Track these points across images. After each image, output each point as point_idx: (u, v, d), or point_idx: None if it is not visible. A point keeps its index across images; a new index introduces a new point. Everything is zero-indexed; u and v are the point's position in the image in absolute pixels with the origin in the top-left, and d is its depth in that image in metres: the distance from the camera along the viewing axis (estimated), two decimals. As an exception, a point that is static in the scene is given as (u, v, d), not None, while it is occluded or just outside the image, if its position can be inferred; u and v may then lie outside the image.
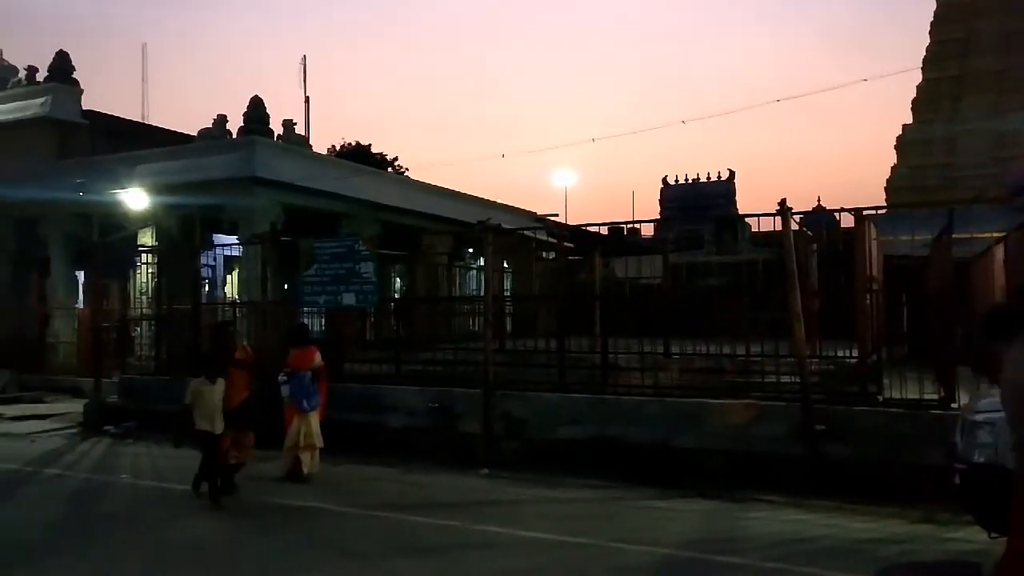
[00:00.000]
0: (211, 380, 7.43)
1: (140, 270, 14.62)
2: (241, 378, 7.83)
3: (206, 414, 7.36)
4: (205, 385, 7.41)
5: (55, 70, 18.44)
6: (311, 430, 8.27)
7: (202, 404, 7.39)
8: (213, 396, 7.40)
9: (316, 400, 8.36)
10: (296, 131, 18.33)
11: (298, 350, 8.50)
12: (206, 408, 7.38)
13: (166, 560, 5.83)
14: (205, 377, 7.44)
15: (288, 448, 8.26)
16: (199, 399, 7.39)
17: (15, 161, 17.98)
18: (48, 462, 9.68)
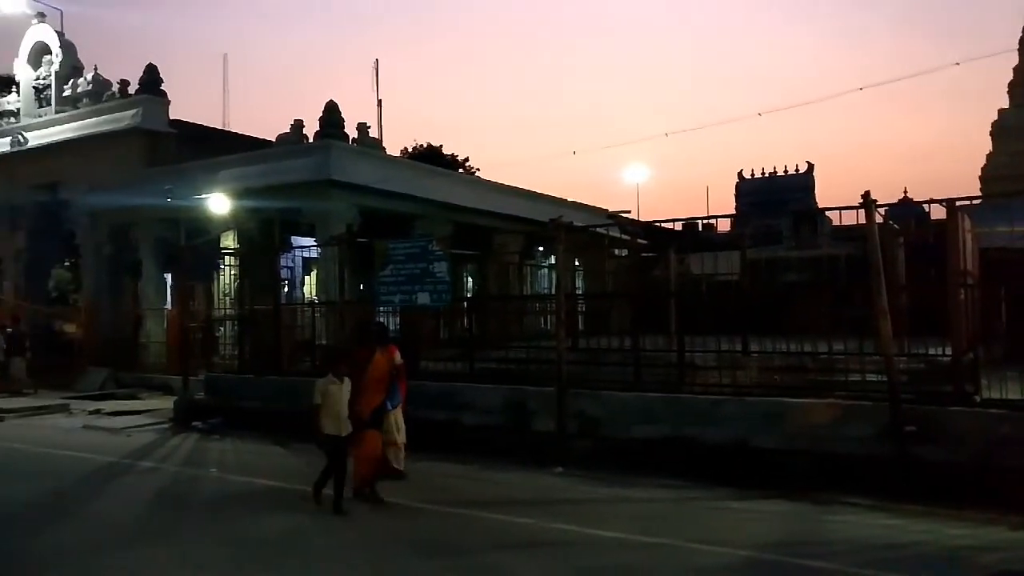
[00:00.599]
0: (339, 379, 7.02)
1: (223, 272, 15.17)
2: (380, 381, 7.50)
3: (334, 416, 6.96)
4: (333, 384, 7.01)
5: (145, 83, 19.28)
6: (396, 426, 8.27)
7: (330, 405, 6.97)
8: (341, 397, 7.00)
9: (398, 398, 8.33)
10: (370, 134, 18.68)
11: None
12: (334, 409, 6.97)
13: (250, 551, 6.03)
14: (332, 375, 7.04)
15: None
16: (327, 400, 6.97)
17: (109, 170, 18.91)
18: (143, 455, 10.15)
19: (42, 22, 21.60)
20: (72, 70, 20.94)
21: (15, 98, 22.59)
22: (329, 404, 6.95)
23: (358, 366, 7.26)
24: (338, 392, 6.98)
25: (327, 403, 6.95)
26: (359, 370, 7.23)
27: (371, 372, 7.43)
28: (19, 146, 21.13)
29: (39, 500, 7.82)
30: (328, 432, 6.96)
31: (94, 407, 14.43)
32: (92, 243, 19.70)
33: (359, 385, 7.18)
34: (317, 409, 6.97)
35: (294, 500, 7.63)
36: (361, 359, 7.40)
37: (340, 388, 6.99)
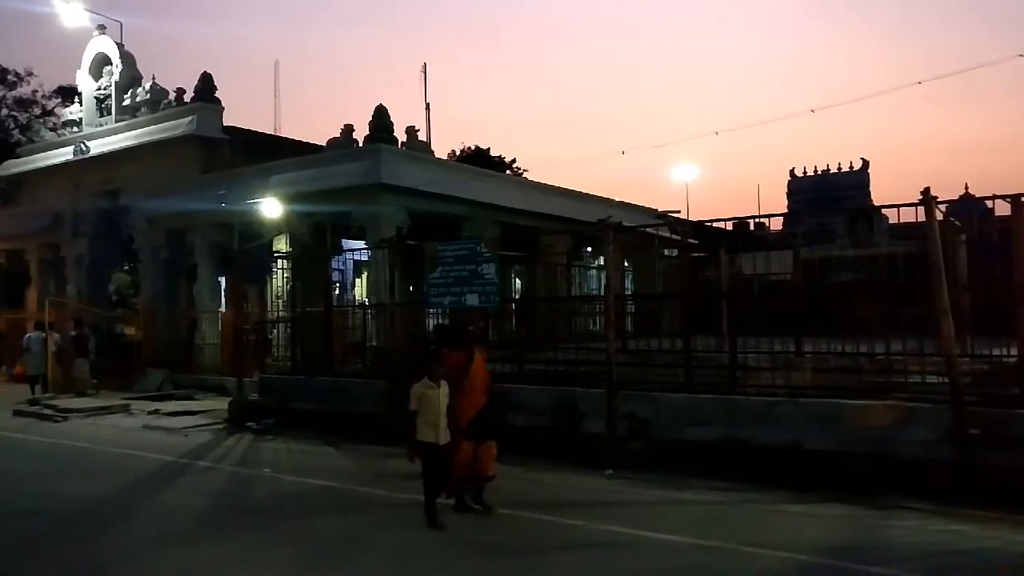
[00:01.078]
0: (436, 383, 6.61)
1: (276, 275, 15.45)
2: (479, 384, 7.07)
3: (431, 422, 6.54)
4: (430, 389, 6.59)
5: (200, 91, 19.76)
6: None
7: (427, 411, 6.55)
8: (439, 402, 6.59)
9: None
10: (419, 137, 18.84)
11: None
12: (431, 415, 6.55)
13: (307, 549, 6.13)
14: (428, 379, 6.63)
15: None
16: (424, 405, 6.56)
17: (166, 176, 19.45)
18: (199, 455, 10.39)
19: (103, 34, 22.30)
20: (131, 80, 21.57)
21: (78, 108, 23.41)
22: (426, 410, 6.54)
23: (454, 370, 6.84)
24: (436, 397, 6.56)
25: (424, 409, 6.54)
26: (457, 374, 6.81)
27: (471, 376, 6.97)
28: (82, 155, 21.85)
29: (105, 497, 8.07)
30: (425, 440, 6.54)
31: (153, 407, 14.83)
32: (150, 248, 20.23)
33: (456, 390, 6.75)
34: (414, 415, 6.55)
35: (346, 500, 7.77)
36: (457, 362, 6.93)
37: (438, 393, 6.58)
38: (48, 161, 23.29)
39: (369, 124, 17.03)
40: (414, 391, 6.61)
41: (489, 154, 39.59)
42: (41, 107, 39.71)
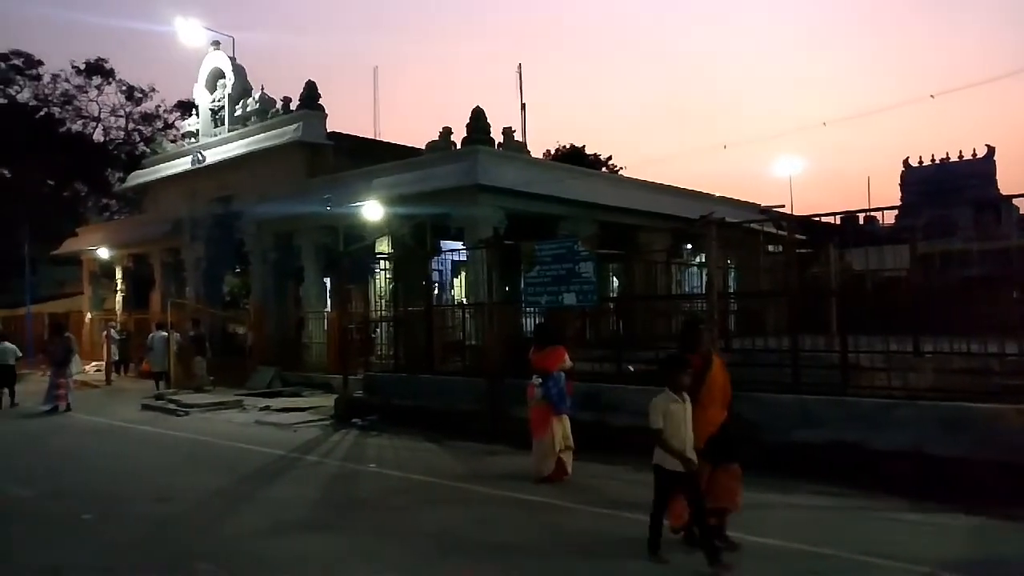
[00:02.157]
0: (680, 396, 5.55)
1: (378, 275, 15.88)
2: (719, 394, 5.91)
3: (678, 442, 5.47)
4: (675, 403, 5.53)
5: (305, 99, 20.54)
6: (568, 431, 8.19)
7: (674, 429, 5.46)
8: (685, 417, 5.54)
9: (568, 401, 8.30)
10: (515, 137, 18.94)
11: (545, 350, 8.33)
12: (679, 434, 5.47)
13: (413, 543, 6.26)
14: (671, 391, 5.55)
15: (548, 451, 8.09)
16: (670, 422, 5.47)
17: (274, 182, 20.31)
18: (308, 450, 10.79)
19: (217, 50, 23.52)
20: (242, 91, 22.65)
21: (195, 120, 24.78)
22: (673, 427, 5.46)
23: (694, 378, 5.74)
24: (681, 412, 5.52)
25: (670, 426, 5.46)
26: (692, 384, 5.71)
27: (709, 385, 5.83)
28: (199, 164, 23.12)
29: (224, 487, 8.51)
30: (670, 468, 5.49)
31: (264, 404, 15.49)
32: (259, 250, 21.16)
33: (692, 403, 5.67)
34: (659, 434, 5.47)
35: (449, 496, 7.88)
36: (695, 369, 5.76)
37: (683, 408, 5.53)
38: (169, 171, 24.78)
39: (466, 126, 17.25)
40: (656, 406, 5.52)
41: (584, 152, 39.41)
42: (163, 121, 42.42)
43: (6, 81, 39.92)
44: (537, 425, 8.17)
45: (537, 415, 8.21)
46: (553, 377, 8.15)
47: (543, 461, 8.12)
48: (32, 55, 40.19)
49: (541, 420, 8.14)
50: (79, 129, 41.84)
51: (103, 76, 41.36)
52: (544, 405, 8.15)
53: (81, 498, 8.00)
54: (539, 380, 8.16)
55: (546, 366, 8.20)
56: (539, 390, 8.14)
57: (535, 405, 8.23)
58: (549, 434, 8.06)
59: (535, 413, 8.24)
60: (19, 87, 40.35)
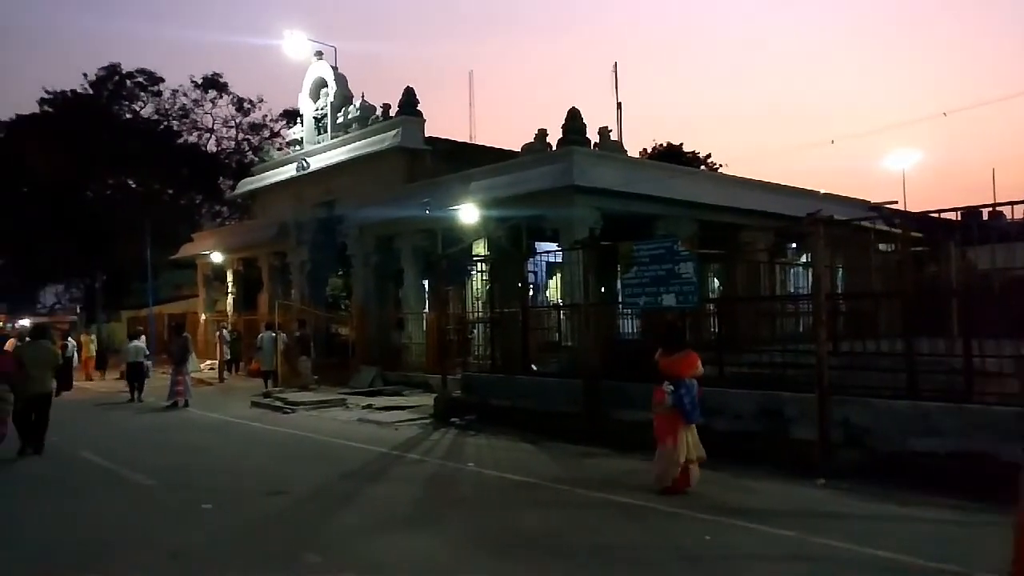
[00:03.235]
0: None
1: (475, 277, 16.08)
2: None
3: None
4: None
5: (403, 105, 21.06)
6: (697, 440, 7.82)
7: None
8: None
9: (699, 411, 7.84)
10: (611, 137, 18.81)
11: (675, 354, 7.86)
12: None
13: (511, 543, 6.28)
14: None
15: (674, 460, 7.64)
16: None
17: (375, 187, 20.89)
18: (409, 448, 11.01)
19: (320, 60, 24.41)
20: (344, 99, 23.43)
21: (300, 128, 25.81)
22: None
23: None
24: None
25: None
26: None
27: None
28: (303, 170, 24.06)
29: (330, 483, 8.79)
30: None
31: (366, 402, 15.91)
32: (361, 253, 21.78)
33: None
34: None
35: (547, 497, 7.87)
36: None
37: None
38: (276, 178, 25.90)
39: (562, 127, 17.24)
40: None
41: (682, 150, 38.77)
42: (269, 130, 44.37)
43: (131, 97, 42.69)
44: (664, 432, 7.73)
45: (664, 422, 7.76)
46: (686, 384, 7.69)
47: (668, 470, 7.71)
48: (154, 72, 42.85)
49: (668, 427, 7.70)
50: (194, 140, 44.29)
51: (217, 90, 43.63)
52: (672, 412, 7.70)
53: (199, 489, 8.44)
54: (671, 387, 7.67)
55: (678, 372, 7.74)
56: (670, 397, 7.65)
57: (661, 412, 7.79)
58: (677, 443, 7.62)
59: (661, 420, 7.80)
60: (143, 103, 43.08)
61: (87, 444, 11.69)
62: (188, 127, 44.28)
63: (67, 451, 11.22)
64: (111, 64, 42.19)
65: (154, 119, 43.21)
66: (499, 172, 17.51)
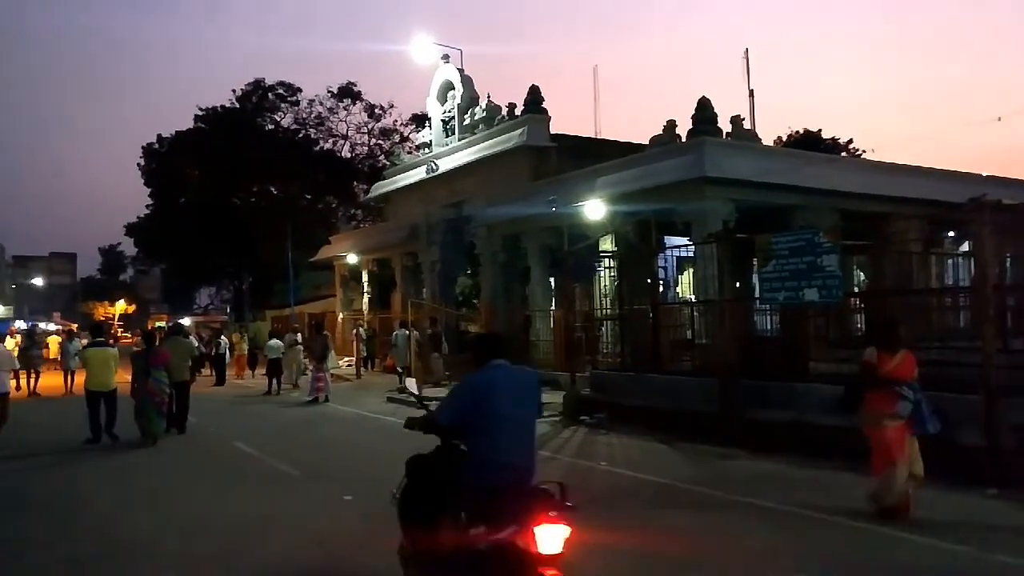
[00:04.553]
0: None
1: (602, 274, 15.86)
2: None
3: None
4: None
5: (529, 103, 21.10)
6: (918, 455, 6.74)
7: None
8: None
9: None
10: (743, 126, 18.07)
11: (898, 354, 6.78)
12: None
13: (647, 543, 6.10)
14: None
15: (901, 478, 6.55)
16: None
17: (502, 186, 21.05)
18: (540, 445, 10.95)
19: (447, 63, 24.89)
20: (470, 101, 23.76)
21: (428, 132, 26.43)
22: None
23: None
24: None
25: None
26: None
27: None
28: (432, 172, 24.62)
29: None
30: None
31: (496, 399, 16.03)
32: (489, 252, 22.02)
33: None
34: None
35: (682, 498, 7.63)
36: None
37: None
38: (406, 180, 26.65)
39: (692, 117, 16.70)
40: None
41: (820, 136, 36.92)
42: (400, 134, 45.85)
43: (273, 109, 45.35)
44: (897, 447, 6.57)
45: (895, 435, 6.59)
46: (917, 389, 6.69)
47: (893, 489, 6.57)
48: (293, 84, 45.34)
49: (899, 441, 6.59)
50: (330, 147, 46.43)
51: (351, 98, 45.56)
52: (902, 423, 6.61)
53: (340, 480, 8.73)
54: (908, 391, 6.59)
55: (906, 374, 6.71)
56: (906, 404, 6.55)
57: (892, 424, 6.60)
58: (906, 458, 6.61)
59: (891, 433, 6.60)
60: (283, 113, 45.66)
61: (239, 435, 12.41)
62: (324, 134, 46.51)
63: (222, 441, 12.01)
64: (255, 79, 45.03)
65: (293, 128, 45.67)
66: (626, 166, 17.21)
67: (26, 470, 10.07)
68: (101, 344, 12.64)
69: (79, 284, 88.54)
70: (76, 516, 7.54)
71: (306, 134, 45.76)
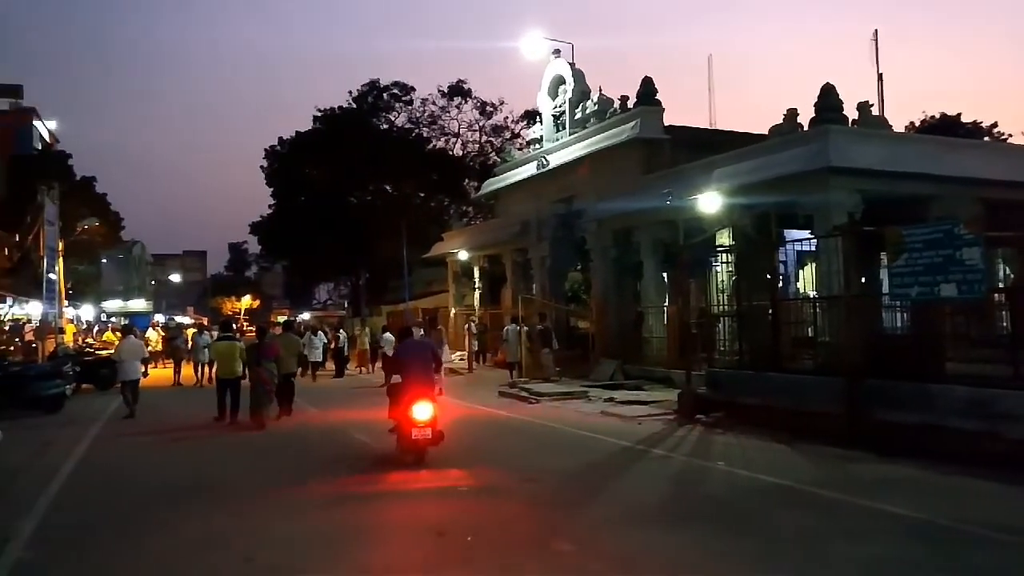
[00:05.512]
0: None
1: (718, 269, 15.42)
2: None
3: None
4: None
5: (641, 95, 20.74)
6: None
7: None
8: None
9: None
10: (871, 112, 17.09)
11: None
12: None
13: (768, 548, 5.89)
14: None
15: None
16: None
17: (613, 180, 20.84)
18: (654, 443, 10.81)
19: (557, 58, 24.86)
20: (581, 95, 23.63)
21: (539, 127, 26.50)
22: None
23: None
24: None
25: None
26: None
27: None
28: (543, 168, 24.66)
29: (574, 473, 8.88)
30: None
31: (607, 396, 15.93)
32: (600, 247, 21.83)
33: None
34: None
35: (807, 502, 7.31)
36: None
37: None
38: (516, 177, 26.82)
39: (815, 105, 15.93)
40: None
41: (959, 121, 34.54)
42: (510, 131, 46.19)
43: (387, 109, 46.65)
44: None
45: None
46: None
47: None
48: (406, 83, 46.47)
49: None
50: (442, 145, 47.34)
51: (462, 96, 46.27)
52: None
53: (456, 472, 8.87)
54: None
55: None
56: None
57: None
58: None
59: None
60: (397, 113, 46.91)
61: (359, 427, 12.86)
62: (436, 133, 47.43)
63: (344, 431, 12.49)
64: (371, 80, 46.44)
65: (407, 127, 46.83)
66: (744, 157, 16.65)
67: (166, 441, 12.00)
68: (229, 338, 14.62)
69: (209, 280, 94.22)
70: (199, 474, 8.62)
71: (419, 133, 46.82)
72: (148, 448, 11.64)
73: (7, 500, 7.81)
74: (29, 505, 7.48)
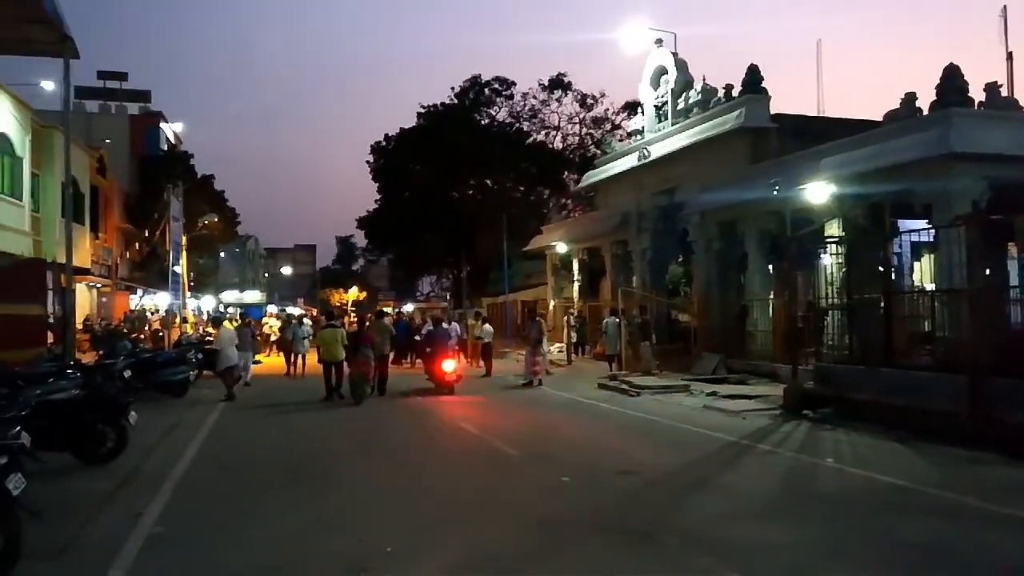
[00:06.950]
0: None
1: (827, 261, 14.86)
2: None
3: None
4: None
5: (747, 83, 20.22)
6: None
7: None
8: None
9: None
10: (1000, 94, 16.04)
11: None
12: None
13: (884, 549, 5.68)
14: None
15: None
16: None
17: (716, 171, 20.41)
18: (759, 439, 10.58)
19: (660, 47, 24.50)
20: (684, 85, 23.22)
21: (640, 118, 26.22)
22: None
23: None
24: None
25: None
26: None
27: None
28: (644, 159, 24.41)
29: (678, 468, 8.80)
30: None
31: (710, 389, 15.65)
32: (703, 239, 21.41)
33: None
34: None
35: (927, 504, 7.00)
36: None
37: None
38: (617, 169, 26.64)
39: (936, 88, 15.08)
40: None
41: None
42: (611, 123, 45.82)
43: (488, 103, 47.17)
44: None
45: None
46: None
47: None
48: (507, 78, 46.83)
49: None
50: (542, 139, 47.48)
51: (562, 89, 46.24)
52: None
53: (558, 463, 8.97)
54: None
55: None
56: None
57: None
58: None
59: None
60: (498, 107, 47.36)
61: (462, 417, 13.19)
62: (536, 126, 47.60)
63: (448, 422, 12.85)
64: (472, 76, 47.07)
65: (507, 122, 47.21)
66: (856, 145, 15.97)
67: (279, 421, 13.15)
68: (333, 326, 16.76)
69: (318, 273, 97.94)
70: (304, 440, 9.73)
71: (519, 127, 47.12)
72: (264, 428, 12.48)
73: (141, 477, 8.44)
74: (159, 482, 8.05)
